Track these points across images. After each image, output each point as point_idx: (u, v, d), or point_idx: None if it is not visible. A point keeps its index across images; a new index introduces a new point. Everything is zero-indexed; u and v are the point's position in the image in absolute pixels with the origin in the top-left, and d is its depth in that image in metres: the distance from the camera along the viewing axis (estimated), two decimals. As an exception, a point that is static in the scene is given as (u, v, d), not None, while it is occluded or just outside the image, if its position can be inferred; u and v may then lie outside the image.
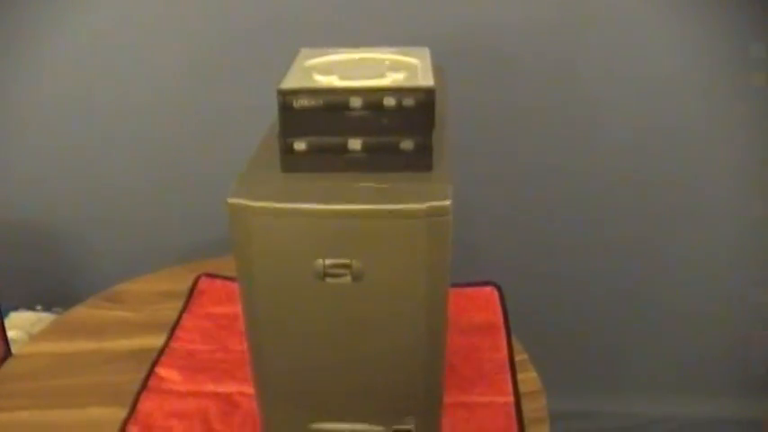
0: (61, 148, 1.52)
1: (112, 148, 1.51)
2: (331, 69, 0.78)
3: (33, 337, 1.23)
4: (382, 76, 0.76)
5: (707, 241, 1.61)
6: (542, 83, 1.45)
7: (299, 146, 0.74)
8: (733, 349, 1.72)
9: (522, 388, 1.04)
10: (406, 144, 0.74)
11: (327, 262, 0.71)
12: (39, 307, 1.51)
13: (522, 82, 1.45)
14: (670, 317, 1.71)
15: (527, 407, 1.01)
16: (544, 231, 1.62)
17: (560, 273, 1.65)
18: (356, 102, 0.73)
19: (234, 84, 1.44)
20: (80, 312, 1.24)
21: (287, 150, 0.75)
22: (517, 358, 1.10)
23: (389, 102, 0.72)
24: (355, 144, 0.74)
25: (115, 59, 1.43)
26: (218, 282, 1.28)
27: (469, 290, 1.25)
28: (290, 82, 0.75)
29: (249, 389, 0.90)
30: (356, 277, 0.72)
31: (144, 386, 1.05)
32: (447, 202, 0.69)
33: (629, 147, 1.51)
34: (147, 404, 1.02)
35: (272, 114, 0.77)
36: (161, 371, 1.08)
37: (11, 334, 1.36)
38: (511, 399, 1.02)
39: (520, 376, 1.06)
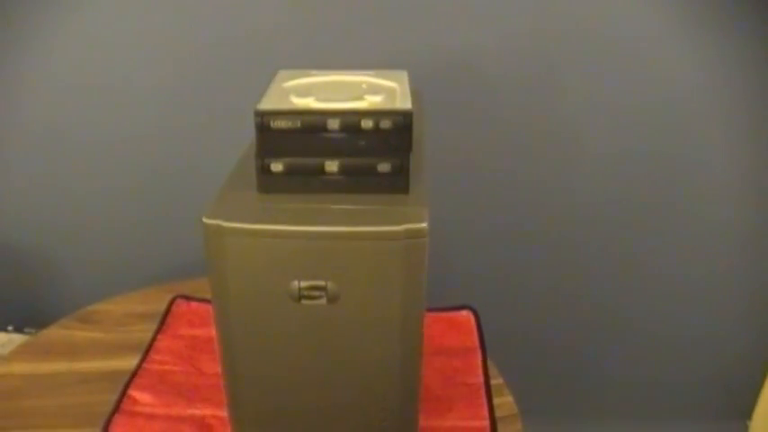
0: (34, 169, 1.51)
1: (86, 170, 1.50)
2: (308, 91, 0.78)
3: (4, 358, 1.22)
4: (360, 98, 0.76)
5: (688, 264, 1.63)
6: (520, 105, 1.46)
7: (276, 167, 0.75)
8: (713, 373, 1.74)
9: (498, 412, 1.03)
10: (383, 166, 0.74)
11: (303, 284, 0.71)
12: (10, 327, 1.49)
13: (501, 105, 1.46)
14: (649, 341, 1.72)
15: (503, 431, 1.00)
16: (522, 254, 1.62)
17: (537, 296, 1.66)
18: (333, 124, 0.73)
19: (211, 105, 1.43)
20: (53, 333, 1.23)
21: (264, 171, 0.75)
22: (493, 382, 1.09)
23: (367, 124, 0.73)
24: (332, 166, 0.75)
25: (91, 80, 1.42)
26: (194, 304, 1.27)
27: (446, 314, 1.24)
28: (268, 103, 0.75)
29: (222, 412, 0.90)
30: (332, 299, 0.72)
31: (116, 408, 1.03)
32: (423, 225, 0.69)
33: (609, 168, 1.52)
34: (119, 426, 1.00)
35: (249, 135, 0.77)
36: (134, 393, 1.06)
37: (-19, 355, 1.35)
38: (487, 423, 1.01)
39: (496, 400, 1.06)
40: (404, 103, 0.76)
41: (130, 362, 1.13)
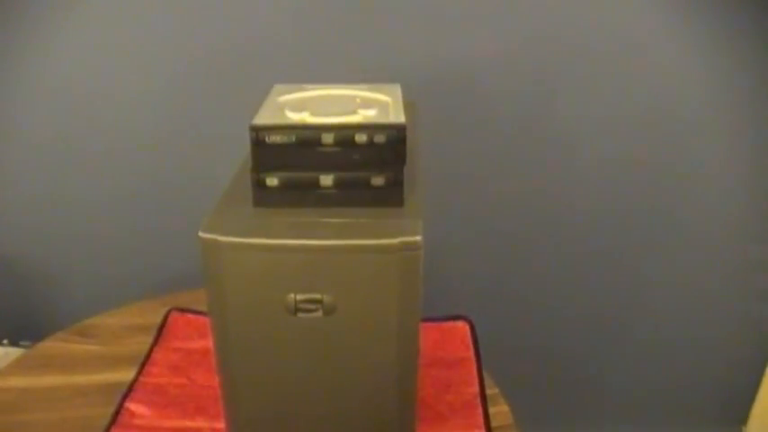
0: (29, 181, 1.51)
1: (82, 182, 1.50)
2: (303, 106, 0.79)
3: (0, 372, 1.22)
4: (354, 112, 0.77)
5: (684, 271, 1.63)
6: (515, 116, 1.47)
7: (272, 181, 0.75)
8: (709, 379, 1.74)
9: (494, 422, 1.04)
10: (378, 180, 0.75)
11: (299, 297, 0.72)
12: (5, 341, 1.49)
13: (495, 117, 1.47)
14: (644, 348, 1.72)
15: (498, 441, 1.01)
16: (517, 264, 1.62)
17: (533, 306, 1.66)
18: (328, 138, 0.74)
19: (206, 119, 1.44)
20: (49, 346, 1.22)
21: (259, 185, 0.75)
22: (489, 392, 1.10)
23: (361, 138, 0.73)
24: (327, 180, 0.75)
25: (86, 92, 1.42)
26: (189, 316, 1.27)
27: (441, 324, 1.25)
28: (263, 118, 0.76)
29: (220, 424, 0.90)
30: (328, 312, 0.72)
31: (113, 421, 1.03)
32: (418, 238, 0.70)
33: (604, 177, 1.53)
34: (116, 440, 1.01)
35: (244, 149, 0.77)
36: (131, 405, 1.06)
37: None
38: (482, 432, 1.02)
39: (491, 410, 1.06)
40: (397, 116, 0.77)
41: (127, 374, 1.13)
